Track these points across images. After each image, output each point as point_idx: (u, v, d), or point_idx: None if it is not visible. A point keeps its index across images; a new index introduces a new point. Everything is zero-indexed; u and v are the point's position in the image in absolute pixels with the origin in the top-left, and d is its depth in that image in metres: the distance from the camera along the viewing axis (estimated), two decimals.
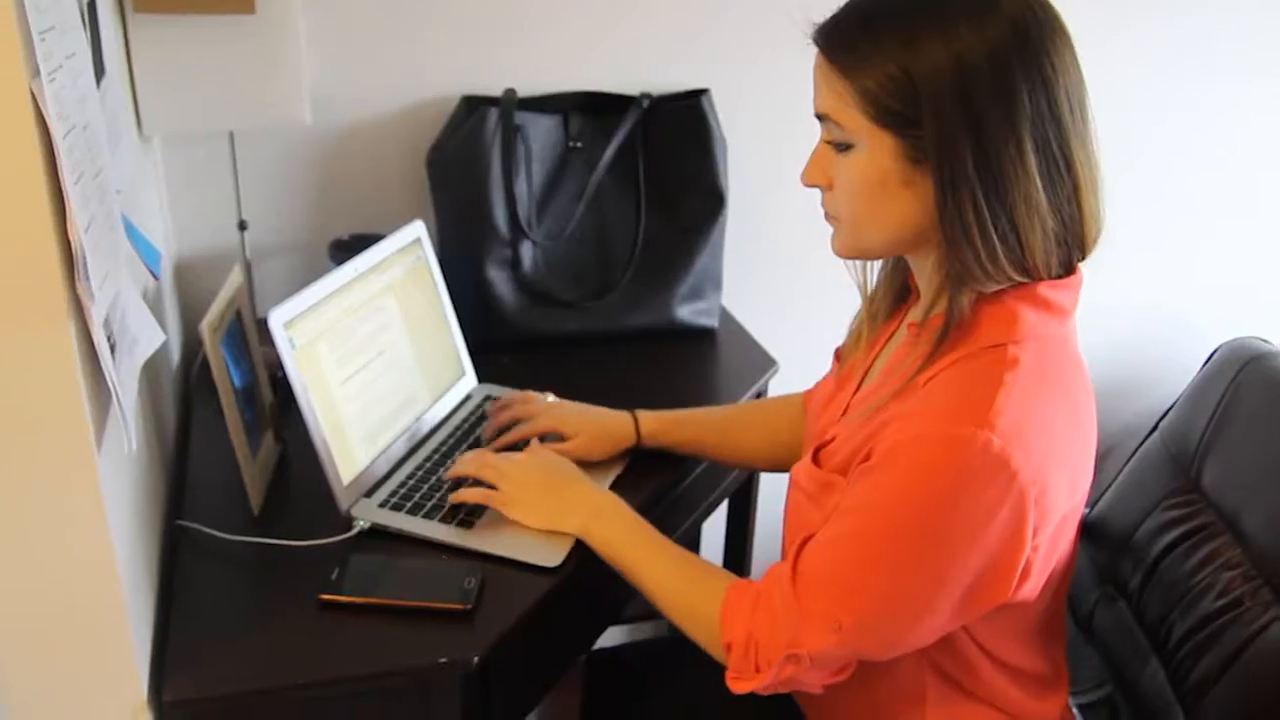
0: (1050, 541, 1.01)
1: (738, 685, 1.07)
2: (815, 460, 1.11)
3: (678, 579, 1.15)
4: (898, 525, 0.97)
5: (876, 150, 0.98)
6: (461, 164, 1.63)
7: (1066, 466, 1.00)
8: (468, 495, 1.26)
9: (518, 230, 1.66)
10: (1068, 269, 1.02)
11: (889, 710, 1.15)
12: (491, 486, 1.26)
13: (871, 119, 0.97)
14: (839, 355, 1.28)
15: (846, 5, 1.01)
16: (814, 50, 1.02)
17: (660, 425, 1.40)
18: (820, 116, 1.02)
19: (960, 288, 0.98)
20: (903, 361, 1.06)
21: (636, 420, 1.39)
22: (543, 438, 1.38)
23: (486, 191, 1.63)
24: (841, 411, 1.16)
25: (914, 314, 1.10)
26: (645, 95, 1.71)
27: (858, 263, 1.15)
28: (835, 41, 0.99)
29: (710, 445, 1.42)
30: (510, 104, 1.64)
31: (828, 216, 1.08)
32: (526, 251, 1.68)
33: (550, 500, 1.24)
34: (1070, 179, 0.98)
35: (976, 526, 0.95)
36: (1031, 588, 1.03)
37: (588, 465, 1.34)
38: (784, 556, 1.08)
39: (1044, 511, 0.96)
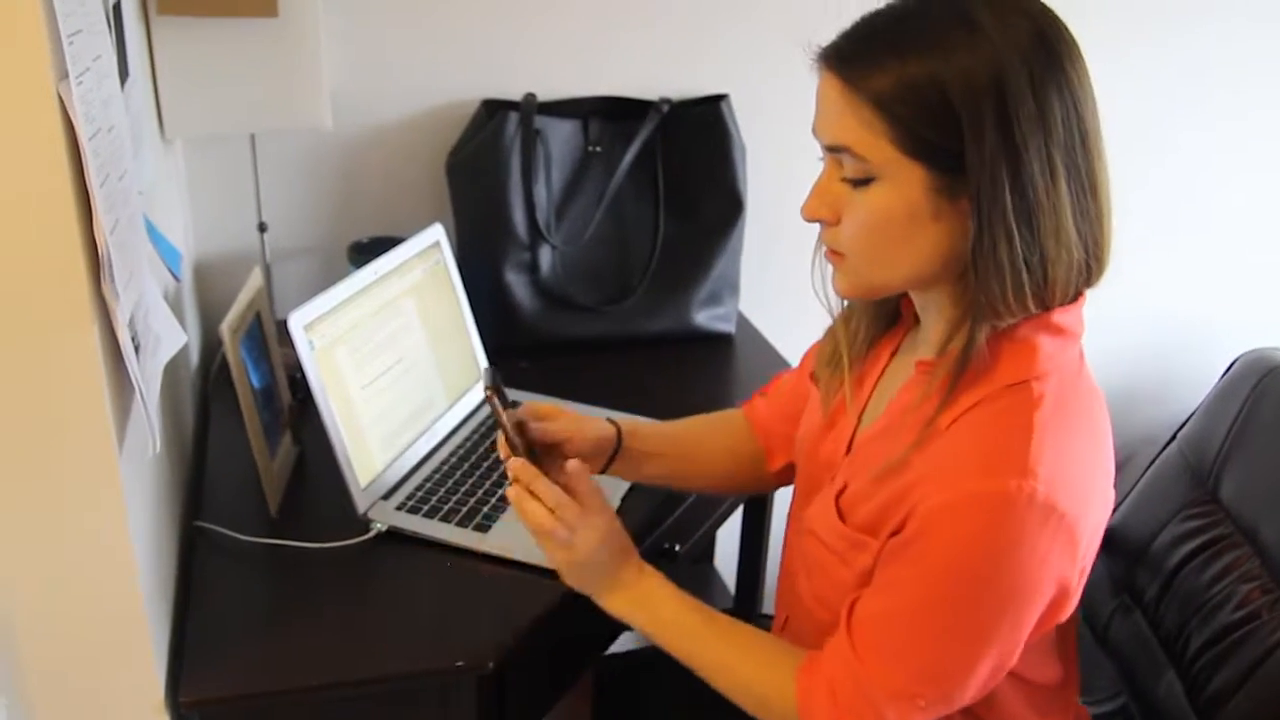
0: (1088, 561, 1.00)
1: None
2: (840, 514, 1.05)
3: (740, 665, 1.08)
4: (961, 593, 0.93)
5: (904, 183, 0.90)
6: (481, 168, 1.64)
7: (1099, 490, 0.98)
8: (530, 521, 1.09)
9: (537, 235, 1.66)
10: (1078, 294, 0.98)
11: None
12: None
13: (902, 149, 0.89)
14: (814, 379, 1.19)
15: (858, 23, 0.93)
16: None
17: (635, 425, 1.29)
18: (834, 149, 0.94)
19: (980, 322, 0.93)
20: (914, 401, 1.00)
21: (621, 434, 1.27)
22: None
23: (506, 196, 1.63)
24: (845, 449, 1.11)
25: (923, 350, 1.04)
26: (665, 100, 1.71)
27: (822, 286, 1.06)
28: (853, 62, 0.91)
29: (668, 473, 1.31)
30: (530, 108, 1.64)
31: (830, 253, 1.00)
32: (545, 256, 1.68)
33: (597, 575, 1.13)
34: (1096, 204, 0.93)
35: (1037, 575, 0.92)
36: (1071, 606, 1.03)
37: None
38: (810, 613, 1.07)
39: (1090, 540, 0.96)
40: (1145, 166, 2.09)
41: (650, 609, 1.12)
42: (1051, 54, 0.89)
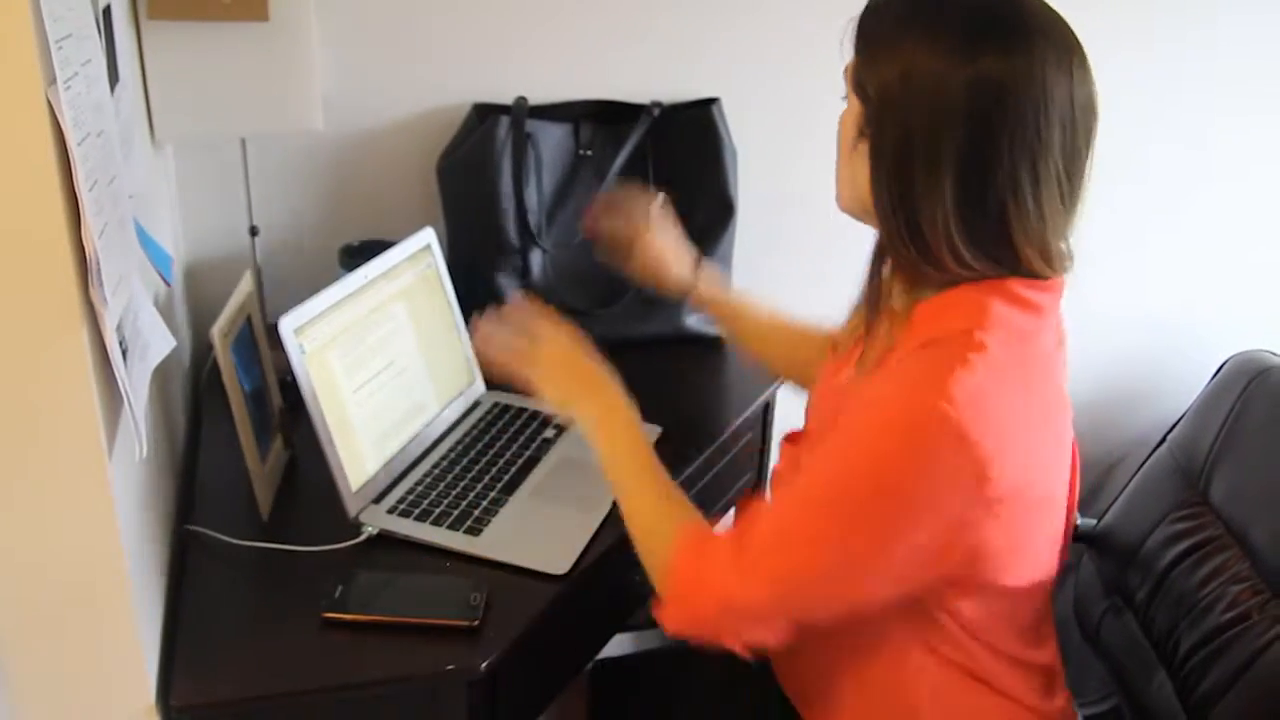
0: (1022, 528, 1.02)
1: (666, 620, 1.08)
2: (790, 439, 1.15)
3: (651, 510, 1.15)
4: (845, 484, 0.98)
5: (850, 110, 1.04)
6: (472, 172, 1.64)
7: (1035, 456, 1.00)
8: (498, 353, 1.27)
9: (528, 238, 1.66)
10: (1014, 271, 1.02)
11: (890, 694, 1.13)
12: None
13: (851, 83, 1.02)
14: (833, 344, 1.28)
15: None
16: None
17: (713, 298, 1.49)
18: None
19: (902, 270, 1.04)
20: (874, 343, 1.09)
21: (697, 281, 1.48)
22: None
23: (497, 199, 1.63)
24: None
25: (895, 302, 1.10)
26: (656, 104, 1.71)
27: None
28: (864, 18, 1.03)
29: (740, 336, 1.50)
30: (521, 112, 1.64)
31: None
32: (536, 259, 1.68)
33: (575, 382, 1.23)
34: (1000, 200, 0.97)
35: (924, 498, 0.95)
36: (1005, 572, 1.03)
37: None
38: None
39: (1005, 490, 0.96)
40: (1136, 168, 2.09)
41: (611, 432, 1.19)
42: (978, 104, 0.95)
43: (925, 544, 0.97)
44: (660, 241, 1.48)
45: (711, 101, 1.74)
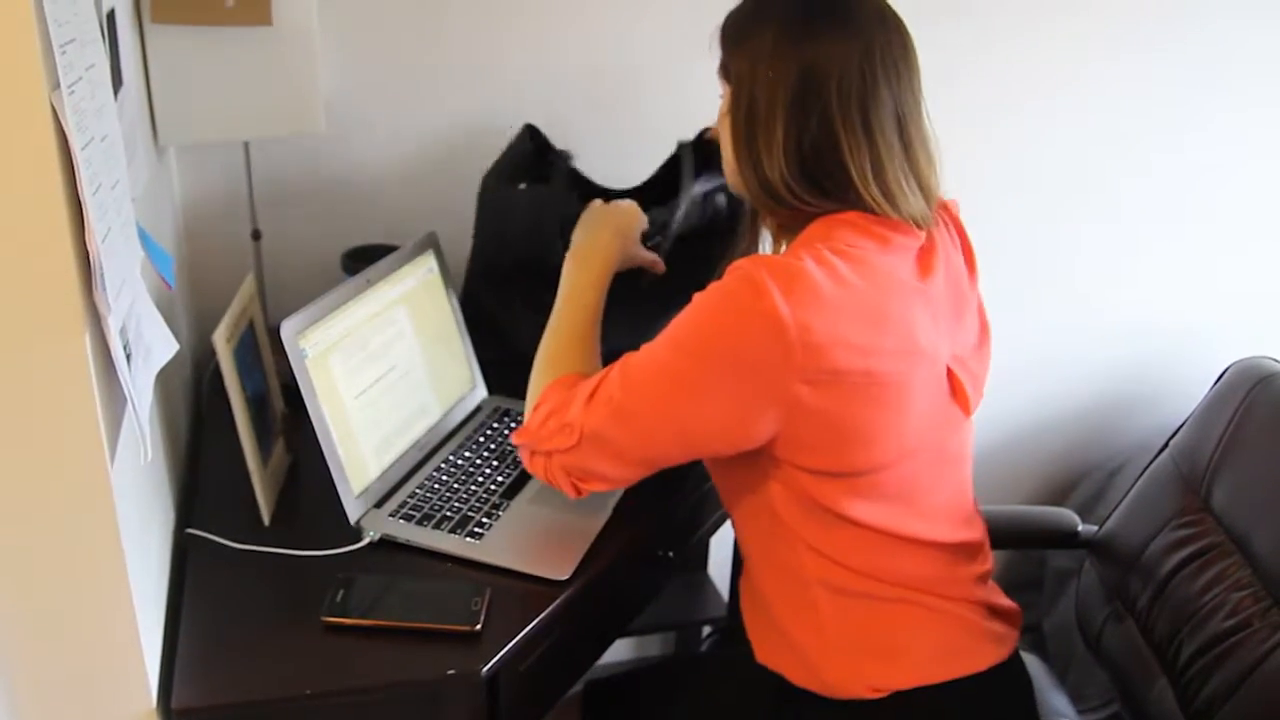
0: (857, 410, 1.09)
1: (517, 438, 1.23)
2: None
3: (558, 346, 1.29)
4: (675, 334, 1.12)
5: (724, 94, 1.20)
6: (523, 213, 1.56)
7: (857, 343, 1.07)
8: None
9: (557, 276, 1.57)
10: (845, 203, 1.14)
11: (819, 616, 1.20)
12: None
13: (721, 69, 1.21)
14: None
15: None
16: None
17: None
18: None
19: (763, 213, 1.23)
20: None
21: None
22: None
23: (544, 247, 1.52)
24: None
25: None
26: (683, 144, 1.65)
27: None
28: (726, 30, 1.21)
29: None
30: (573, 176, 1.62)
31: None
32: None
33: (590, 224, 1.40)
34: (831, 139, 1.12)
35: (734, 342, 1.07)
36: (849, 444, 1.11)
37: None
38: None
39: (819, 355, 1.05)
40: (1136, 175, 2.09)
41: (572, 281, 1.34)
42: (806, 82, 1.12)
43: (736, 394, 1.09)
44: None
45: None
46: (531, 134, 1.65)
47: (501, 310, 1.61)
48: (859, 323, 1.08)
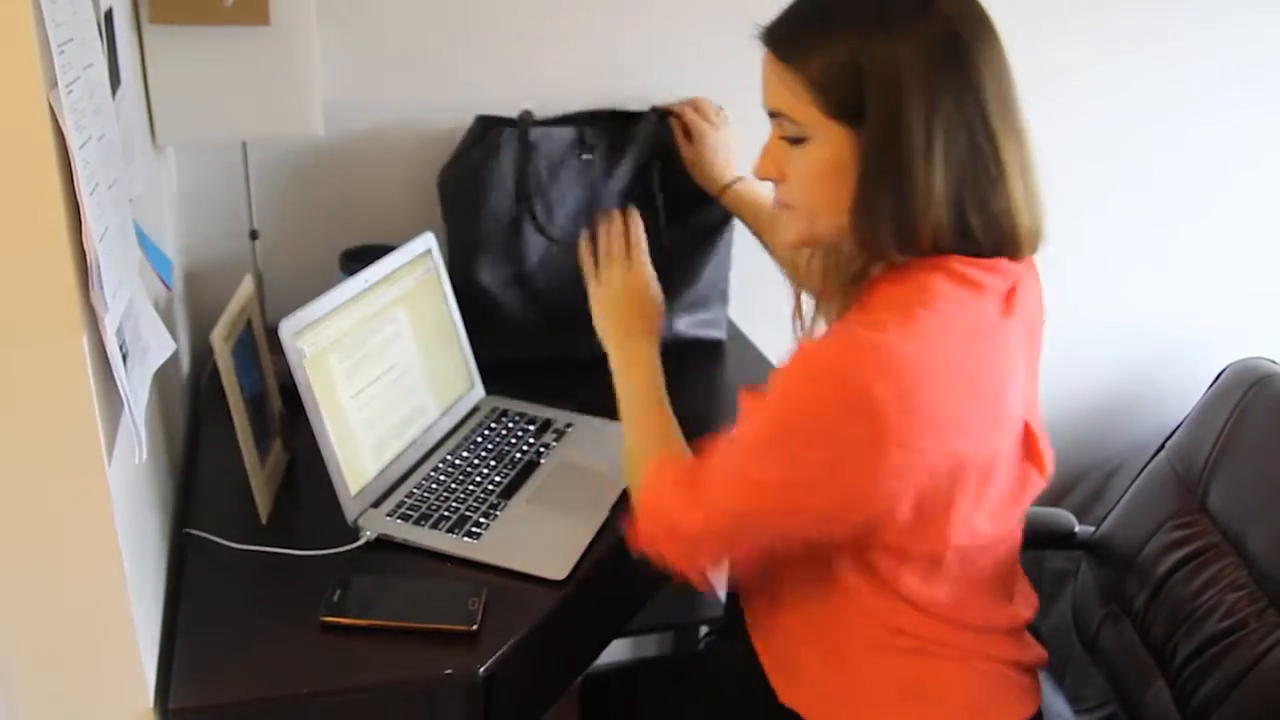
0: (943, 493, 1.03)
1: (632, 538, 1.15)
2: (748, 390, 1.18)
3: (642, 439, 1.25)
4: (769, 426, 1.04)
5: (830, 141, 1.03)
6: (476, 185, 1.63)
7: (949, 417, 1.00)
8: (588, 263, 1.43)
9: (530, 247, 1.65)
10: (978, 253, 1.05)
11: (854, 666, 1.16)
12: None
13: (825, 112, 1.02)
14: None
15: (790, 6, 1.07)
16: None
17: (747, 201, 1.63)
18: (773, 114, 1.08)
19: (871, 262, 1.07)
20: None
21: (735, 183, 1.63)
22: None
23: (499, 214, 1.62)
24: None
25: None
26: (655, 110, 1.72)
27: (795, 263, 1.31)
28: (788, 40, 1.05)
29: (772, 241, 1.60)
30: (526, 126, 1.64)
31: (780, 205, 1.13)
32: (538, 267, 1.67)
33: (618, 322, 1.37)
34: (998, 168, 1.02)
35: (831, 443, 0.99)
36: (935, 536, 1.06)
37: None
38: None
39: (913, 448, 0.99)
40: (1136, 174, 2.10)
41: (628, 369, 1.32)
42: (956, 46, 1.00)
43: (833, 488, 1.02)
44: (718, 142, 1.65)
45: None
46: (482, 122, 1.67)
47: (488, 299, 1.64)
48: (956, 399, 1.01)
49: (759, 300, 1.94)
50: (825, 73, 1.01)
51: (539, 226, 1.66)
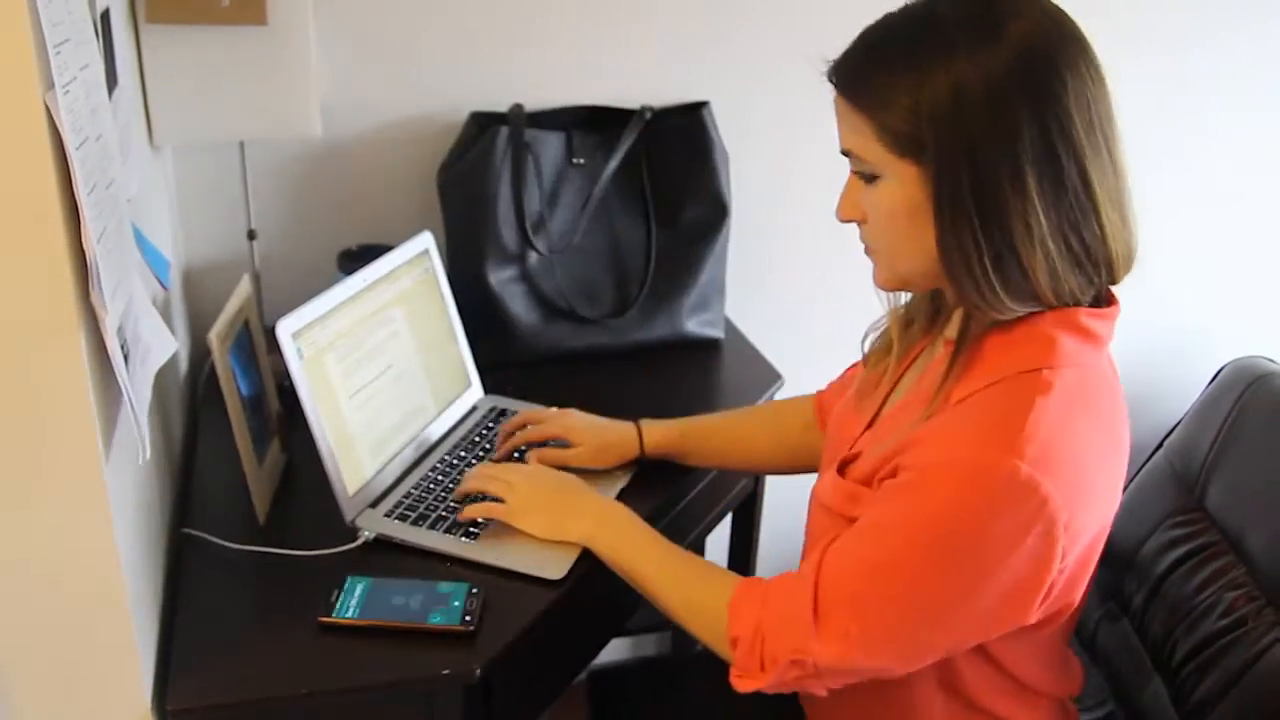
0: (1077, 564, 1.01)
1: (742, 683, 1.06)
2: (841, 474, 1.10)
3: (684, 578, 1.14)
4: (922, 547, 0.96)
5: (902, 181, 0.98)
6: (473, 182, 1.63)
7: (1097, 492, 0.99)
8: (475, 510, 1.27)
9: (528, 247, 1.66)
10: (1099, 295, 1.03)
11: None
12: (498, 499, 1.26)
13: (891, 150, 0.97)
14: (866, 362, 1.24)
15: (856, 40, 1.01)
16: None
17: (665, 436, 1.39)
18: (845, 153, 1.03)
19: (974, 312, 1.00)
20: (935, 380, 1.05)
21: (640, 432, 1.39)
22: (547, 444, 1.39)
23: (496, 210, 1.63)
24: (866, 424, 1.15)
25: (949, 330, 1.09)
26: (647, 108, 1.72)
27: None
28: (850, 78, 1.00)
29: (716, 453, 1.42)
30: (519, 121, 1.64)
31: (867, 250, 1.07)
32: (538, 268, 1.68)
33: (556, 509, 1.24)
34: (1089, 200, 0.97)
35: (1003, 552, 0.94)
36: (1056, 610, 1.03)
37: (594, 477, 1.34)
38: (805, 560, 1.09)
39: (1073, 536, 0.96)
40: (1139, 175, 2.09)
41: (611, 532, 1.20)
42: (1026, 57, 0.94)
43: (999, 596, 0.97)
44: (584, 426, 1.40)
45: (702, 105, 1.75)
46: (476, 119, 1.67)
47: (486, 299, 1.64)
48: (1105, 478, 1.00)
49: (755, 298, 1.95)
50: (887, 107, 0.96)
51: (537, 226, 1.67)
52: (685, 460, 1.41)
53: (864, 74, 0.99)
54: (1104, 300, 1.05)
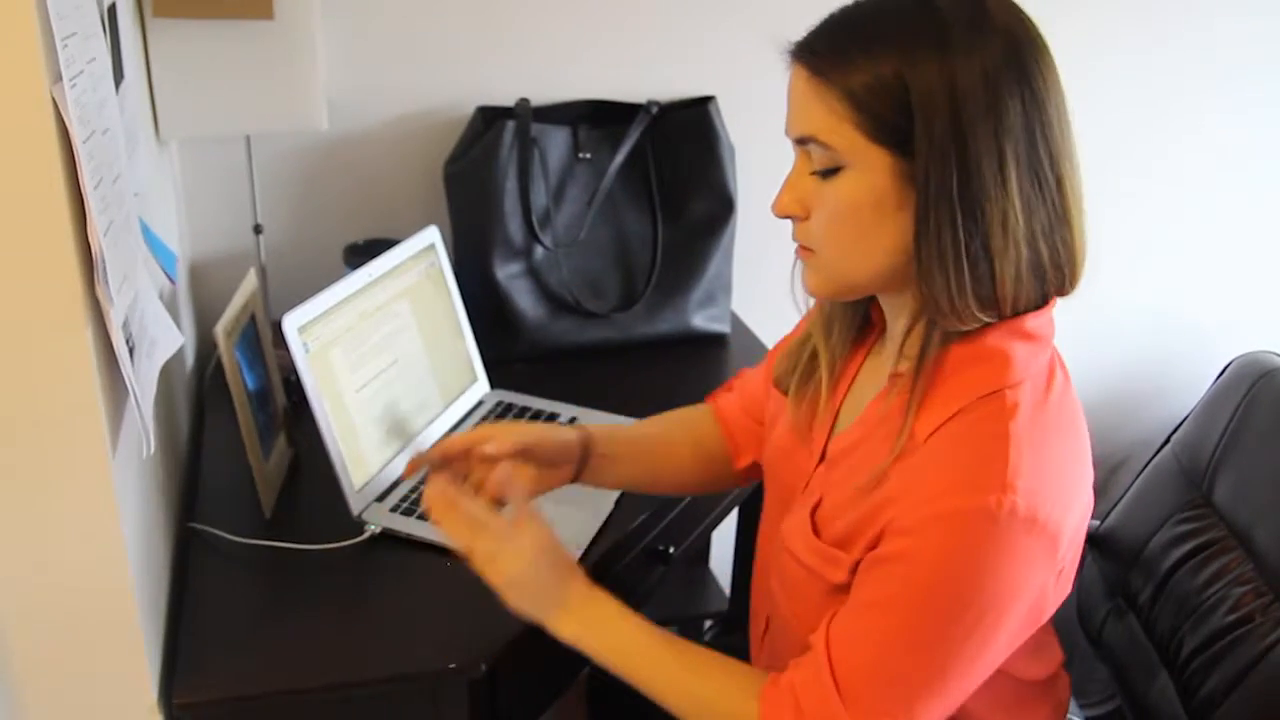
0: (1071, 569, 1.00)
1: None
2: (814, 528, 1.03)
3: (699, 687, 1.03)
4: (941, 609, 0.92)
5: (871, 170, 0.91)
6: (480, 175, 1.63)
7: (1079, 494, 0.97)
8: (473, 562, 1.05)
9: (534, 241, 1.66)
10: (1042, 300, 0.97)
11: None
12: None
13: (867, 134, 0.90)
14: (779, 387, 1.16)
15: (832, 18, 0.95)
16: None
17: (589, 473, 1.24)
18: (802, 140, 0.95)
19: (934, 324, 0.94)
20: (887, 411, 1.00)
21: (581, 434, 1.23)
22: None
23: (503, 204, 1.63)
24: (818, 459, 1.08)
25: (890, 351, 1.03)
26: (653, 103, 1.72)
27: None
28: (826, 57, 0.92)
29: (636, 476, 1.29)
30: (525, 115, 1.64)
31: (800, 249, 1.00)
32: (544, 263, 1.68)
33: (542, 598, 1.06)
34: (1060, 199, 0.93)
35: (1018, 586, 0.92)
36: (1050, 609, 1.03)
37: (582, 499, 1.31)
38: (787, 624, 1.07)
39: (1071, 541, 0.95)
40: (1140, 170, 2.09)
41: (601, 632, 1.05)
42: (1013, 49, 0.90)
43: (1020, 620, 0.95)
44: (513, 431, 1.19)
45: (708, 99, 1.75)
46: (483, 113, 1.67)
47: (493, 293, 1.64)
48: (1082, 477, 0.97)
49: (761, 293, 1.94)
50: (869, 88, 0.89)
51: (543, 221, 1.67)
52: (593, 476, 1.24)
53: (845, 54, 0.91)
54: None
